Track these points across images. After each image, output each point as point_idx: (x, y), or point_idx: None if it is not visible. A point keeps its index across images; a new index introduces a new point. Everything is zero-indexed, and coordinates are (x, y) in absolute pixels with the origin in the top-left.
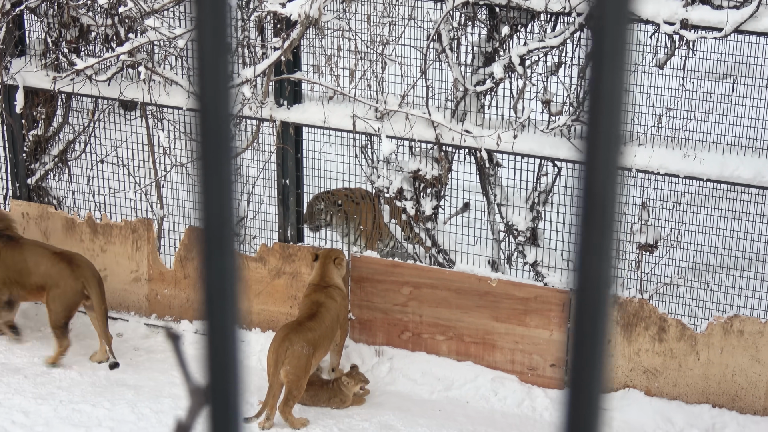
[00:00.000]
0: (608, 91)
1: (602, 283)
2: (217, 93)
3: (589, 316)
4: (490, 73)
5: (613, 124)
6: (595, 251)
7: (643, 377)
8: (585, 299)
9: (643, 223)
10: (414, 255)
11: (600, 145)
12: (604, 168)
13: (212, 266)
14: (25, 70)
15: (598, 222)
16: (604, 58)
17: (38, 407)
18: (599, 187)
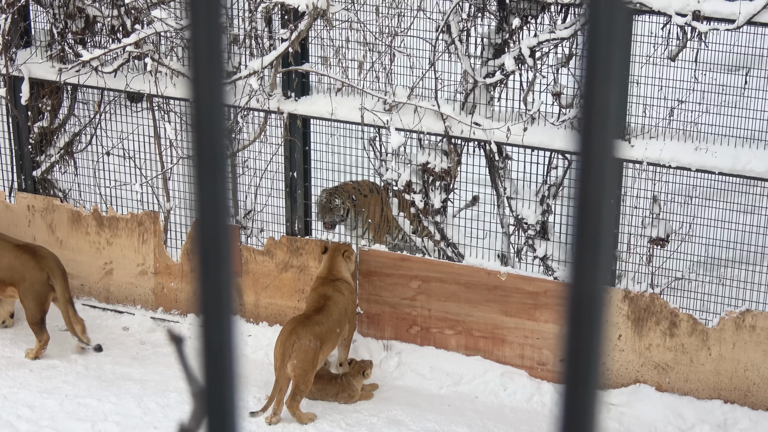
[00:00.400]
0: (603, 81)
1: (597, 278)
2: (212, 90)
3: (584, 311)
4: (500, 64)
5: (608, 115)
6: (590, 245)
7: (654, 372)
8: (579, 294)
9: (655, 216)
10: (423, 249)
11: (594, 137)
12: (599, 159)
13: (207, 262)
14: (30, 61)
15: (593, 215)
16: (600, 45)
17: (44, 401)
18: (594, 178)
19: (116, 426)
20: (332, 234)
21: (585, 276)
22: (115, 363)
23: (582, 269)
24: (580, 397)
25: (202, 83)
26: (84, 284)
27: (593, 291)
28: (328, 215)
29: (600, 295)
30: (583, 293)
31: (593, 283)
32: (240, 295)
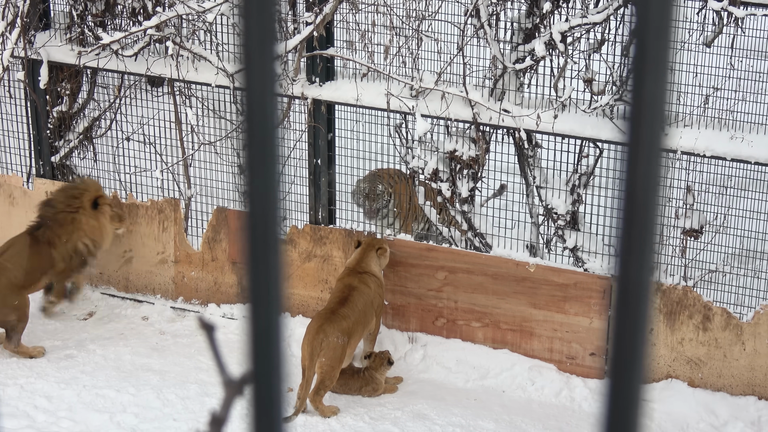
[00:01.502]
0: (652, 72)
1: (644, 271)
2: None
3: (631, 304)
4: (530, 50)
5: (658, 105)
6: (637, 238)
7: (687, 367)
8: (626, 287)
9: (688, 207)
10: (449, 238)
11: (644, 128)
12: (647, 151)
13: (257, 257)
14: (49, 44)
15: (640, 208)
16: (649, 35)
17: (61, 392)
18: (642, 171)
19: (135, 417)
20: (357, 223)
21: (632, 269)
22: (134, 353)
23: (629, 263)
24: (624, 391)
25: (255, 76)
26: (103, 272)
27: (640, 284)
28: (374, 202)
29: (647, 289)
30: (630, 287)
31: (640, 276)
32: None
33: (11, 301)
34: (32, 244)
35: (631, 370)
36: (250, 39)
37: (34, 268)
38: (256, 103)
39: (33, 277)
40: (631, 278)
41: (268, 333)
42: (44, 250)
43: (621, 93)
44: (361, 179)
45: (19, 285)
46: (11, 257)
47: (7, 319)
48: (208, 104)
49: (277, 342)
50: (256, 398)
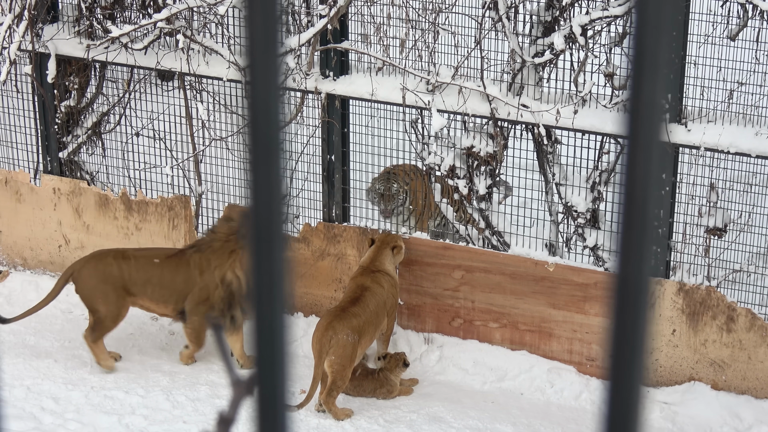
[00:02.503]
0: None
1: (642, 271)
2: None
3: (629, 303)
4: (550, 43)
5: (656, 96)
6: (635, 233)
7: (710, 370)
8: (625, 286)
9: (712, 205)
10: (466, 237)
11: (642, 120)
12: (645, 144)
13: (261, 256)
14: (57, 37)
15: (638, 202)
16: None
17: (69, 393)
18: (640, 165)
19: (144, 420)
20: (372, 221)
21: (631, 267)
22: (143, 354)
23: (628, 260)
24: (624, 393)
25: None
26: None
27: (639, 282)
28: (390, 203)
29: (645, 287)
30: (629, 284)
31: (639, 274)
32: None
33: (104, 291)
34: (176, 257)
35: (630, 371)
36: (255, 35)
37: (164, 283)
38: (260, 98)
39: (159, 292)
40: (630, 277)
41: (273, 332)
42: (186, 270)
43: None
44: (376, 178)
45: (126, 283)
46: (140, 252)
47: (94, 306)
48: (219, 99)
49: (281, 341)
50: (260, 398)
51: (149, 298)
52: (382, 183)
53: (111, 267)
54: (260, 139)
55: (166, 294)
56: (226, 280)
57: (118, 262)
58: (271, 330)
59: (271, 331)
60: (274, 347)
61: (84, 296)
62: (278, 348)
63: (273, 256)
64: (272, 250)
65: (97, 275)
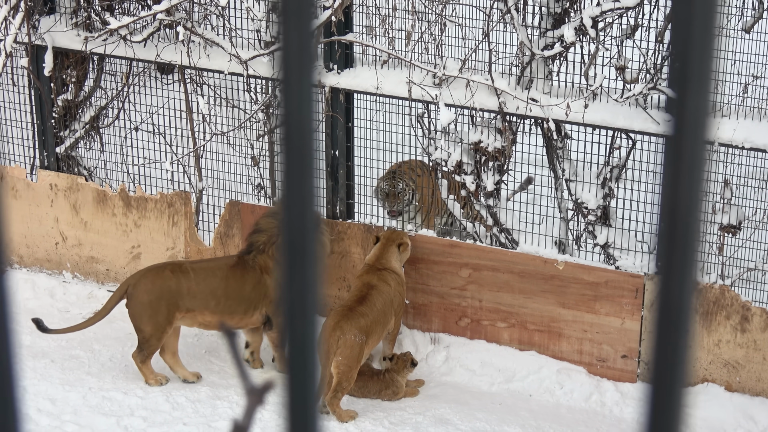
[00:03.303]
0: (697, 59)
1: (687, 272)
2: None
3: (673, 313)
4: (560, 36)
5: (702, 96)
6: (680, 237)
7: (724, 371)
8: (669, 289)
9: (726, 202)
10: (474, 234)
11: (688, 120)
12: (692, 144)
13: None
14: (54, 29)
15: (684, 201)
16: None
17: (66, 394)
18: (686, 166)
19: (143, 421)
20: (377, 218)
21: (675, 275)
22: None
23: (672, 269)
24: (666, 397)
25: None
26: (110, 269)
27: (683, 291)
28: (396, 203)
29: (690, 295)
30: (673, 293)
31: (683, 282)
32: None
33: (156, 308)
34: (238, 266)
35: (672, 376)
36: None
37: (231, 293)
38: (293, 106)
39: (225, 303)
40: (674, 289)
41: (305, 341)
42: (253, 275)
43: (655, 81)
44: (381, 177)
45: (183, 298)
46: (198, 265)
47: (141, 325)
48: (220, 92)
49: (312, 349)
50: (291, 405)
51: (212, 311)
52: (387, 182)
53: (169, 281)
54: (294, 147)
55: (234, 304)
56: None
57: (177, 276)
58: (303, 339)
59: (304, 341)
60: (305, 356)
61: (133, 313)
62: (309, 356)
63: (306, 265)
64: (305, 259)
65: (154, 291)
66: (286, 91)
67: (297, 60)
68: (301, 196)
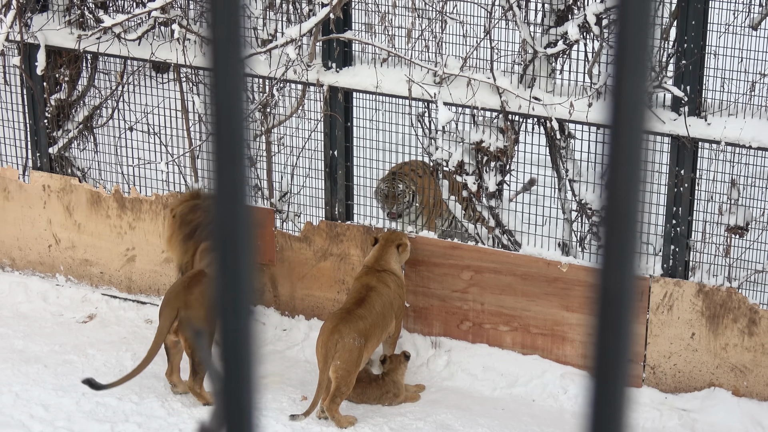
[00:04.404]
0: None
1: (627, 262)
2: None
3: (612, 302)
4: (563, 33)
5: (639, 85)
6: (617, 223)
7: (731, 375)
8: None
9: (733, 202)
10: (475, 236)
11: (624, 109)
12: (629, 132)
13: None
14: (47, 27)
15: (621, 188)
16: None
17: (59, 400)
18: (622, 152)
19: (138, 428)
20: (376, 219)
21: (613, 265)
22: (136, 359)
23: (610, 257)
24: (607, 392)
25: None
26: (104, 272)
27: (622, 281)
28: (396, 204)
29: (629, 285)
30: (611, 283)
31: (622, 272)
32: (274, 286)
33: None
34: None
35: (613, 367)
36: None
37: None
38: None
39: None
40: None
41: (238, 337)
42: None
43: (660, 79)
44: (382, 178)
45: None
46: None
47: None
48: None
49: (248, 348)
50: (228, 406)
51: None
52: (387, 183)
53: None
54: (223, 140)
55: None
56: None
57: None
58: (236, 336)
59: (236, 337)
60: (239, 353)
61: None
62: (245, 354)
63: (239, 261)
64: (238, 253)
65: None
66: (215, 81)
67: (225, 50)
68: (232, 189)
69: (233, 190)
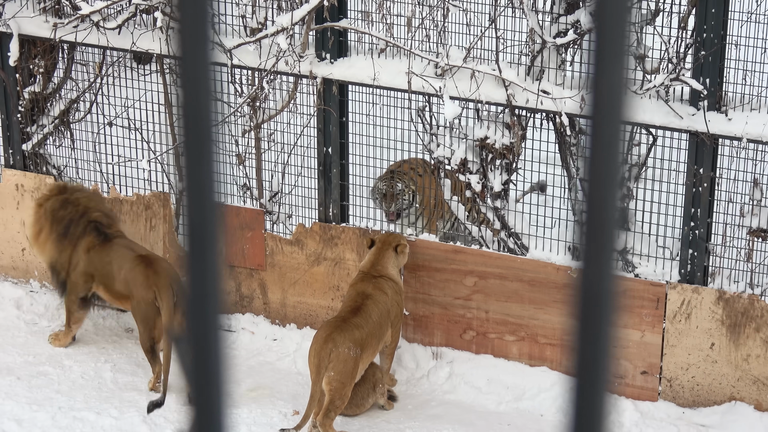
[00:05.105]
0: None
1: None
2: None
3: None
4: (574, 22)
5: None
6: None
7: (753, 388)
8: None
9: (756, 203)
10: (479, 239)
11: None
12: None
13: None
14: (20, 15)
15: (600, 181)
16: None
17: (33, 414)
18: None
19: None
20: (373, 221)
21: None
22: (116, 370)
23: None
24: (587, 396)
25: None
26: None
27: (601, 281)
28: (393, 204)
29: (609, 286)
30: (591, 284)
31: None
32: (264, 292)
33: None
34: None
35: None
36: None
37: None
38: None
39: None
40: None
41: (207, 341)
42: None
43: (678, 72)
44: (379, 177)
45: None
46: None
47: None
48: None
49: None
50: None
51: None
52: (385, 182)
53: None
54: (192, 134)
55: None
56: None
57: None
58: (205, 339)
59: (205, 341)
60: (208, 358)
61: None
62: (213, 360)
63: (206, 261)
64: (206, 255)
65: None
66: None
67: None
68: (200, 185)
69: (201, 187)
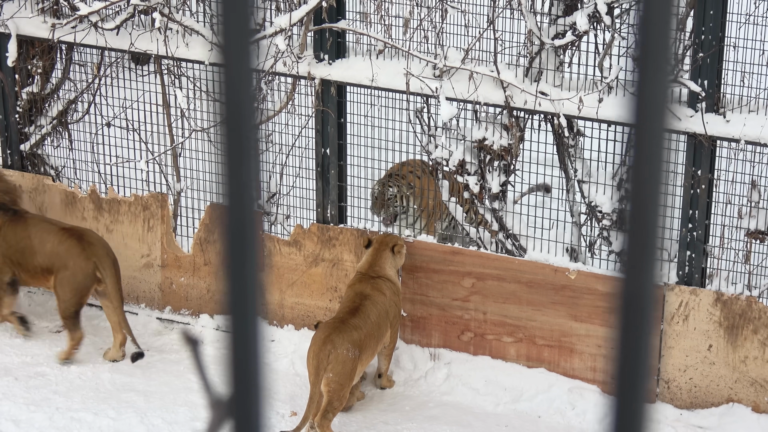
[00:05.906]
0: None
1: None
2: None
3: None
4: (572, 23)
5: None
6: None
7: (751, 390)
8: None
9: (754, 205)
10: (477, 240)
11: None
12: (650, 132)
13: (234, 254)
14: (18, 15)
15: (642, 192)
16: None
17: (31, 415)
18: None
19: None
20: (371, 222)
21: (635, 273)
22: (114, 371)
23: (632, 266)
24: (628, 406)
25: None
26: None
27: (643, 289)
28: (383, 210)
29: (649, 294)
30: (632, 291)
31: (642, 280)
32: (262, 293)
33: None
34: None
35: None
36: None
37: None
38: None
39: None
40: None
41: (246, 346)
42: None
43: (676, 73)
44: (378, 180)
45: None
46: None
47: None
48: (200, 85)
49: (255, 356)
50: (236, 416)
51: None
52: (379, 186)
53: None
54: (233, 138)
55: None
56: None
57: None
58: (244, 347)
59: (245, 341)
60: (247, 366)
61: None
62: (252, 366)
63: (246, 263)
64: (246, 257)
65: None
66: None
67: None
68: (239, 192)
69: (242, 194)
